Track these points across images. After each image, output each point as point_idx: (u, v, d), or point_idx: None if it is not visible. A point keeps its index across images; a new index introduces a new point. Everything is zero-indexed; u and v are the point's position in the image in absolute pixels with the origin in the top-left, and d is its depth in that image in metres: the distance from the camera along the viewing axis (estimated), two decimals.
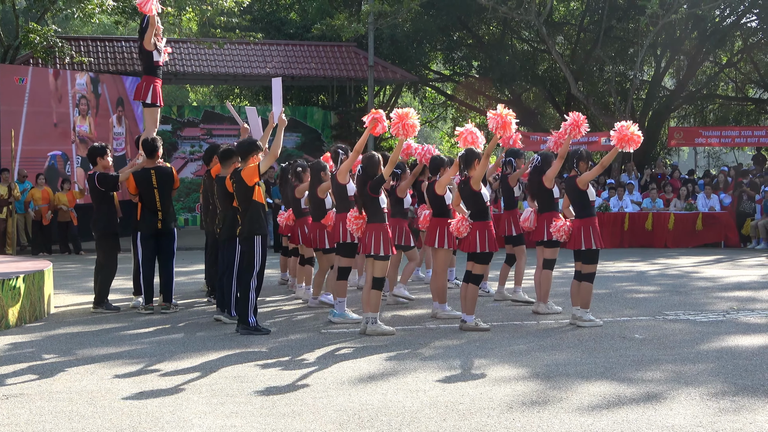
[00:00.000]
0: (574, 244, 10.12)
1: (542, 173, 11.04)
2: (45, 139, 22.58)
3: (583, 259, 10.10)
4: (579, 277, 10.18)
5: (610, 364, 8.10)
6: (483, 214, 9.86)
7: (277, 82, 9.87)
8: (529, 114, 34.86)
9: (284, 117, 9.73)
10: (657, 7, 24.53)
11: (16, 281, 10.27)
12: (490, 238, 9.81)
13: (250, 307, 9.69)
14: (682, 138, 27.02)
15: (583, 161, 10.23)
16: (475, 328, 9.80)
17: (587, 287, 10.13)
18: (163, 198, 11.36)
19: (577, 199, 10.19)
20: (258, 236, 9.66)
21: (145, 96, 11.95)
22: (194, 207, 27.12)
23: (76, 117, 23.28)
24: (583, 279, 10.13)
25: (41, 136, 22.41)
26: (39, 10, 24.58)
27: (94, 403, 6.84)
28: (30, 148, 21.88)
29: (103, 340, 9.55)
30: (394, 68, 29.00)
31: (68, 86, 23.11)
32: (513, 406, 6.67)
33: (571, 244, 10.22)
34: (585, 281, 10.12)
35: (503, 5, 27.24)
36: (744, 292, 13.15)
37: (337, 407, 6.66)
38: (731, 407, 6.62)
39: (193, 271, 15.93)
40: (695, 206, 21.98)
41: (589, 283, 10.13)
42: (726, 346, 9.02)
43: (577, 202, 10.22)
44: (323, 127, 28.92)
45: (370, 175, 9.69)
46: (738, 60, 34.95)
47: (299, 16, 33.78)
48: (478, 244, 9.77)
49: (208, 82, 34.48)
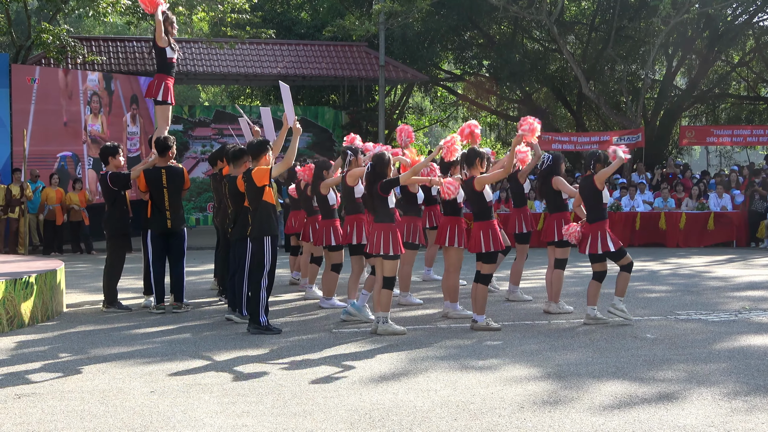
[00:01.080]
0: (592, 248, 10.09)
1: (553, 173, 11.04)
2: (55, 139, 22.57)
3: (613, 259, 10.15)
4: (597, 276, 10.24)
5: (622, 364, 8.08)
6: (486, 214, 9.90)
7: (285, 88, 9.84)
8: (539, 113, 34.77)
9: (298, 125, 9.73)
10: (669, 7, 24.46)
11: (29, 280, 10.31)
12: (494, 237, 9.82)
13: (261, 306, 9.71)
14: (693, 137, 26.95)
15: (600, 163, 10.20)
16: (486, 328, 9.80)
17: (625, 276, 10.23)
18: (172, 198, 11.38)
19: (592, 200, 10.17)
20: (268, 237, 9.68)
21: (156, 93, 11.98)
22: (206, 206, 27.18)
23: (88, 116, 23.24)
24: (622, 270, 10.22)
25: (51, 136, 22.39)
26: (51, 11, 24.67)
27: (105, 402, 6.85)
28: (39, 148, 21.89)
29: (114, 339, 9.57)
30: (405, 68, 28.99)
31: (79, 84, 23.07)
32: (524, 406, 6.66)
33: (584, 248, 10.19)
34: (624, 271, 10.23)
35: (514, 5, 27.21)
36: (756, 292, 13.10)
37: (348, 407, 6.66)
38: (743, 407, 6.60)
39: (204, 271, 15.95)
40: (707, 206, 21.91)
41: (627, 273, 10.23)
42: (738, 345, 8.99)
43: (591, 204, 10.20)
44: (334, 127, 28.94)
45: (379, 174, 9.70)
46: (750, 59, 34.84)
47: (310, 16, 33.81)
48: (483, 244, 9.79)
49: (219, 82, 34.54)
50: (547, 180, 11.11)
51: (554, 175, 11.04)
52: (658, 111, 32.77)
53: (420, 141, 45.11)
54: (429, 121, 42.66)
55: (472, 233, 9.99)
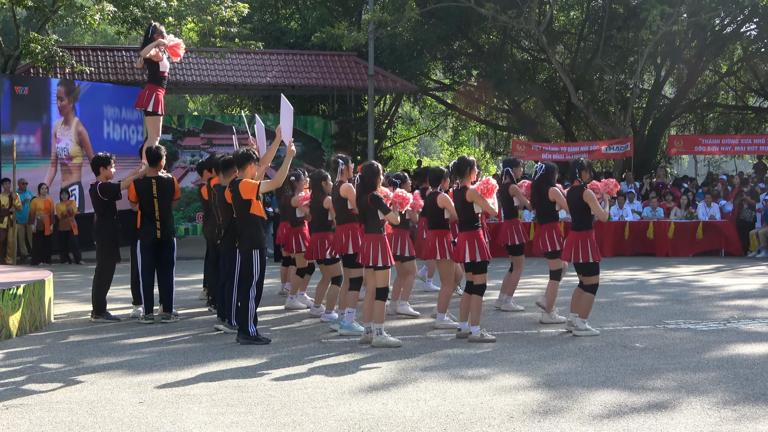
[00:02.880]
0: (572, 256, 10.10)
1: (547, 183, 11.04)
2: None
3: (583, 272, 10.12)
4: (583, 286, 10.21)
5: (612, 374, 8.09)
6: (472, 224, 9.87)
7: (286, 104, 9.84)
8: (529, 123, 34.88)
9: (293, 148, 9.73)
10: (659, 19, 24.56)
11: (17, 291, 10.26)
12: (480, 246, 9.81)
13: (250, 316, 9.70)
14: (682, 146, 27.00)
15: (585, 170, 10.20)
16: (481, 339, 9.75)
17: (589, 298, 10.14)
18: (162, 208, 11.36)
19: (579, 210, 10.16)
20: (256, 250, 9.69)
21: (147, 104, 11.95)
22: (195, 216, 27.11)
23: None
24: (586, 290, 10.13)
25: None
26: (40, 20, 24.62)
27: (94, 413, 6.82)
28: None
29: (103, 349, 9.54)
30: (394, 77, 29.02)
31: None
32: (514, 416, 6.65)
33: (567, 256, 10.22)
34: (588, 292, 10.13)
35: (503, 14, 27.25)
36: (745, 301, 13.13)
37: (338, 417, 6.65)
38: (733, 416, 6.61)
39: (193, 281, 15.91)
40: (695, 215, 21.97)
41: (591, 294, 10.14)
42: (727, 355, 9.01)
43: (577, 213, 10.19)
44: (323, 137, 28.93)
45: (368, 185, 9.66)
46: (738, 69, 34.98)
47: (299, 26, 33.83)
48: (468, 254, 9.78)
49: (209, 92, 34.51)
50: (542, 190, 11.11)
51: (549, 185, 11.05)
52: (646, 120, 32.86)
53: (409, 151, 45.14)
54: (418, 130, 42.69)
55: (457, 242, 10.02)
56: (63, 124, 22.15)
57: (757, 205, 21.94)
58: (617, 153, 26.00)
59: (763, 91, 34.91)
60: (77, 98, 22.54)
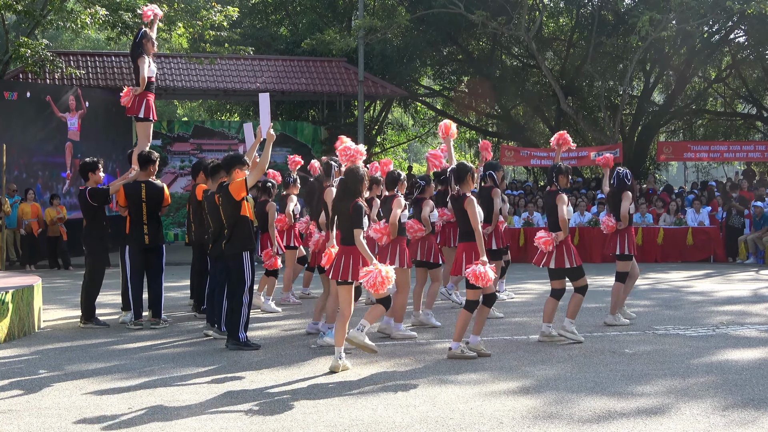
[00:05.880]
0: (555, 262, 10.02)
1: (622, 188, 11.22)
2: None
3: (570, 277, 10.06)
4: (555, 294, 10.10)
5: (601, 379, 8.09)
6: (472, 235, 9.19)
7: (264, 97, 9.82)
8: (518, 129, 34.95)
9: (272, 132, 9.66)
10: (648, 26, 24.65)
11: (5, 297, 10.23)
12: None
13: (242, 322, 9.67)
14: (671, 153, 27.11)
15: (563, 175, 10.12)
16: (461, 356, 9.16)
17: (578, 299, 10.09)
18: (150, 213, 11.34)
19: (556, 215, 10.02)
20: (246, 252, 9.67)
21: (138, 110, 11.92)
22: (184, 222, 27.07)
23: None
24: (576, 291, 10.07)
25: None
26: (29, 25, 24.57)
27: (83, 418, 6.80)
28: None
29: (92, 355, 9.51)
30: (384, 83, 29.06)
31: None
32: (504, 421, 6.65)
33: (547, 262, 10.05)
34: (578, 293, 10.09)
35: (493, 21, 27.33)
36: (735, 306, 13.15)
37: (327, 422, 6.64)
38: (722, 422, 6.62)
39: (182, 287, 15.86)
40: (684, 221, 22.03)
41: (580, 296, 10.09)
42: (717, 360, 9.02)
43: (554, 218, 10.09)
44: (313, 142, 28.96)
45: (351, 189, 8.85)
46: (726, 75, 35.15)
47: (290, 32, 33.84)
48: (466, 267, 9.09)
49: (199, 98, 34.50)
50: (616, 197, 11.21)
51: (625, 190, 11.14)
52: (635, 127, 32.98)
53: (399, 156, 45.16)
54: (408, 137, 42.72)
55: (455, 255, 9.48)
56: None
57: (745, 212, 21.99)
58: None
59: (751, 98, 35.08)
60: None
